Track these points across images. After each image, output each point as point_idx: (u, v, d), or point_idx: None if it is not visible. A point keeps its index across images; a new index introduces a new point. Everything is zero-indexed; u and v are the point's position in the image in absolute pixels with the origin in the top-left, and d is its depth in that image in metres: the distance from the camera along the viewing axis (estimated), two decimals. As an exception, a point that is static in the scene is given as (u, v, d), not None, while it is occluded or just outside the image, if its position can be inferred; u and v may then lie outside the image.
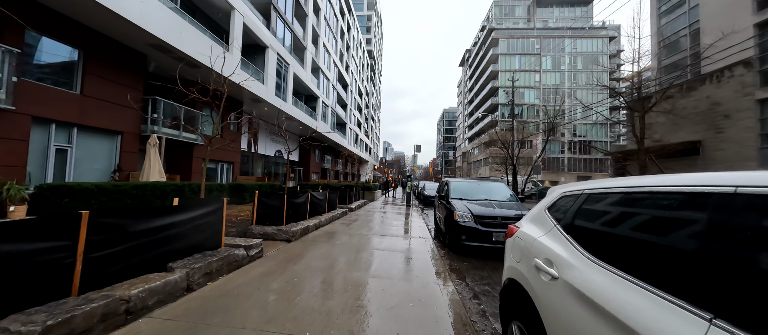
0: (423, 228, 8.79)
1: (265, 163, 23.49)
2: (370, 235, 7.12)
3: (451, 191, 7.41)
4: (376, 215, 11.28)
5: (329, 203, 9.60)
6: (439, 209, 8.29)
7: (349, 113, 42.42)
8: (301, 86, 23.90)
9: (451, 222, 6.26)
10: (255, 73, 16.14)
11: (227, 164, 16.32)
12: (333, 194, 10.01)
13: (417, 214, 12.52)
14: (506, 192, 7.50)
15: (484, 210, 6.14)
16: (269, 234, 5.71)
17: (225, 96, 9.71)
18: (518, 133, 25.95)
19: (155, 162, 9.51)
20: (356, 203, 14.29)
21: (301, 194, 7.36)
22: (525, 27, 55.45)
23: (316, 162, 32.55)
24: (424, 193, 20.20)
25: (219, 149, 15.17)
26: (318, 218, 7.82)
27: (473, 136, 64.57)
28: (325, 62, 29.01)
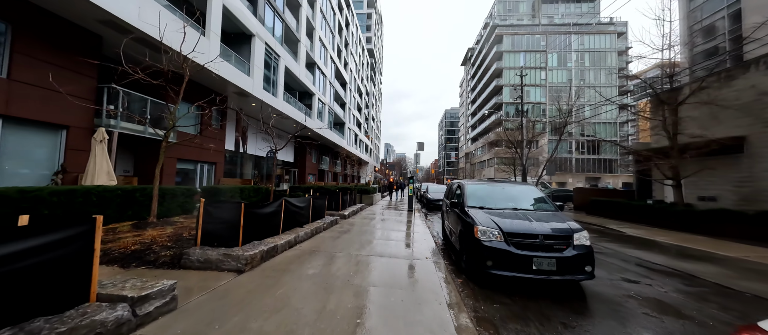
0: (429, 242, 7.05)
1: (255, 164, 21.81)
2: (361, 256, 5.39)
3: (466, 198, 5.68)
4: (372, 225, 9.54)
5: (315, 211, 7.88)
6: (451, 219, 6.54)
7: (348, 113, 40.78)
8: (295, 81, 22.26)
9: (470, 241, 4.53)
10: (239, 63, 14.49)
11: (208, 165, 14.65)
12: (319, 201, 8.28)
13: (421, 221, 10.79)
14: (538, 198, 5.75)
15: (519, 225, 4.41)
16: (212, 262, 3.98)
17: (186, 80, 8.05)
18: (527, 131, 24.19)
19: (103, 162, 7.84)
20: (351, 208, 12.56)
21: (273, 202, 5.63)
22: (530, 23, 53.76)
23: (313, 163, 30.87)
24: (427, 196, 18.45)
25: (196, 148, 13.49)
26: (296, 233, 6.09)
27: (477, 136, 62.77)
28: (321, 57, 27.38)
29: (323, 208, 8.69)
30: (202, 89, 13.86)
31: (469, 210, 5.17)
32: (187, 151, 12.94)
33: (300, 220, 6.91)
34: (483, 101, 59.01)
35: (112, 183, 7.94)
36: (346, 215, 10.55)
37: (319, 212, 8.41)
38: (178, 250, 4.44)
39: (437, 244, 7.13)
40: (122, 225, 6.40)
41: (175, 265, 3.99)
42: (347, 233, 7.51)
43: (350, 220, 10.17)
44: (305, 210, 7.18)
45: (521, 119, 24.58)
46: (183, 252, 4.11)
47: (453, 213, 6.23)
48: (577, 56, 49.91)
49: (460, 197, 5.92)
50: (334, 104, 33.50)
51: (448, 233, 6.96)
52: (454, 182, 7.68)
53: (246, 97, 15.38)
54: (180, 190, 8.69)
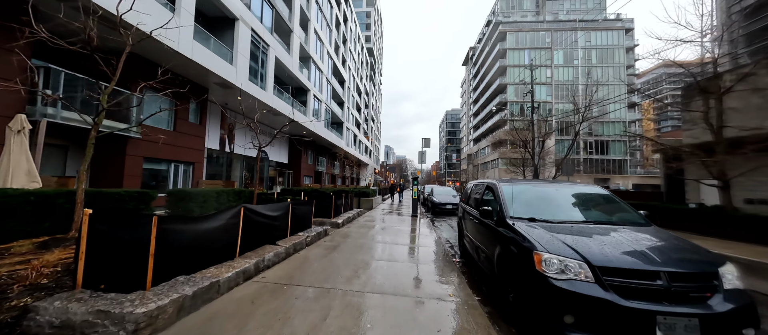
0: (445, 262, 5.27)
1: (245, 165, 20.05)
2: (351, 294, 3.64)
3: (506, 204, 3.91)
4: (370, 236, 7.76)
5: (296, 221, 6.10)
6: (477, 232, 4.77)
7: (347, 112, 39.08)
8: (288, 75, 20.55)
9: (525, 275, 2.79)
10: (219, 49, 12.77)
11: (185, 166, 12.88)
12: (303, 207, 6.50)
13: (428, 230, 9.00)
14: (613, 202, 3.98)
15: (618, 254, 2.64)
16: (75, 328, 2.19)
17: (127, 50, 6.27)
18: (539, 128, 22.45)
19: (21, 158, 6.07)
20: (347, 214, 10.78)
21: (224, 211, 3.85)
22: (534, 20, 52.19)
23: (309, 165, 29.12)
24: (432, 199, 16.67)
25: (169, 146, 11.75)
26: (262, 254, 4.32)
27: (479, 137, 61.03)
28: (317, 51, 25.70)
29: (308, 216, 6.91)
30: (179, 79, 12.14)
31: (516, 224, 3.39)
32: (157, 149, 11.19)
33: (273, 234, 5.12)
34: (486, 100, 57.31)
35: (35, 186, 6.18)
36: (339, 224, 8.76)
37: (303, 221, 6.63)
38: (45, 294, 2.65)
39: (455, 263, 5.34)
40: (21, 244, 4.62)
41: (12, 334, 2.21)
42: (337, 251, 5.71)
43: (344, 230, 8.38)
44: (281, 221, 5.39)
45: (532, 116, 22.85)
46: (31, 307, 2.32)
47: (481, 226, 4.46)
48: (583, 53, 48.24)
49: (494, 204, 4.15)
50: (332, 102, 31.81)
51: (471, 249, 5.18)
52: (478, 183, 5.88)
53: (230, 89, 13.66)
54: (130, 194, 6.91)
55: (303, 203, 6.73)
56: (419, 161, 12.05)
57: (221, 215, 3.75)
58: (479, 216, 4.49)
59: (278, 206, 5.36)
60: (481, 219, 4.47)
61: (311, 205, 7.10)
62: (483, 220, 4.34)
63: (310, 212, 7.05)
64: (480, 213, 4.11)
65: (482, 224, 4.43)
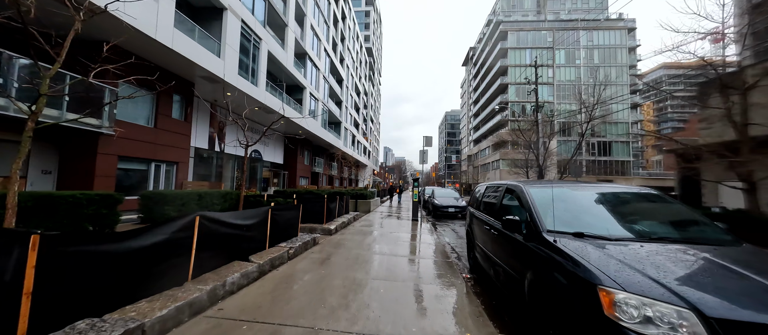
0: (455, 281, 4.35)
1: (237, 165, 19.11)
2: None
3: (540, 215, 3.02)
4: (366, 246, 6.85)
5: (278, 229, 5.18)
6: (497, 247, 3.86)
7: (345, 112, 38.19)
8: (282, 71, 19.64)
9: (589, 324, 1.91)
10: (205, 40, 11.86)
11: (167, 165, 11.93)
12: (287, 213, 5.57)
13: (430, 236, 8.08)
14: (684, 213, 3.07)
15: (742, 301, 1.69)
16: None
17: (75, 27, 5.35)
18: (544, 128, 21.61)
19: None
20: (341, 219, 9.87)
21: (167, 223, 2.93)
22: (535, 19, 51.48)
23: (306, 165, 28.19)
24: (433, 202, 15.75)
25: (148, 144, 10.81)
26: (225, 276, 3.40)
27: (480, 138, 60.22)
28: (313, 48, 24.83)
29: (294, 223, 5.98)
30: (162, 72, 11.21)
31: (560, 242, 2.47)
32: (134, 146, 10.26)
33: (245, 247, 4.20)
34: (486, 100, 56.53)
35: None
36: (331, 231, 7.83)
37: (288, 229, 5.70)
38: None
39: (466, 280, 4.43)
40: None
41: None
42: (325, 266, 4.79)
43: (337, 238, 7.44)
44: (256, 230, 4.46)
45: (536, 115, 22.00)
46: None
47: (502, 239, 3.56)
48: (586, 53, 47.51)
49: (521, 212, 3.25)
50: (329, 101, 30.93)
51: (486, 264, 4.29)
52: (492, 185, 4.96)
53: (218, 84, 12.74)
54: (88, 197, 5.96)
55: (288, 208, 5.81)
56: (420, 160, 11.15)
57: (163, 229, 2.82)
58: (501, 228, 3.56)
59: (253, 212, 4.43)
60: (501, 231, 3.56)
61: (298, 210, 6.16)
62: (505, 232, 3.43)
63: (297, 217, 6.12)
64: (503, 225, 3.18)
65: (503, 238, 3.52)
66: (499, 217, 3.92)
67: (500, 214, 3.97)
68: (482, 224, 4.60)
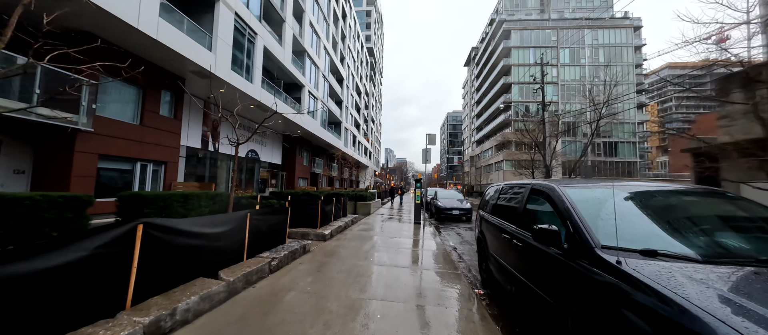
0: (470, 302, 3.62)
1: (231, 165, 18.41)
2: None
3: (587, 224, 2.28)
4: (363, 255, 6.14)
5: (261, 237, 4.48)
6: (522, 262, 3.14)
7: (345, 112, 37.53)
8: (279, 68, 19.00)
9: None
10: (194, 32, 11.20)
11: (154, 165, 11.26)
12: (272, 217, 4.87)
13: (435, 243, 7.34)
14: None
15: None
16: None
17: (22, 6, 4.69)
18: (552, 126, 20.85)
19: None
20: (338, 222, 9.16)
21: (91, 236, 2.19)
22: (539, 18, 50.69)
23: (305, 166, 27.51)
24: (436, 204, 15.01)
25: (133, 142, 10.15)
26: (176, 300, 2.71)
27: (482, 138, 59.40)
28: (312, 46, 24.19)
29: (281, 228, 5.27)
30: (149, 66, 10.60)
31: (629, 266, 1.74)
32: (117, 144, 9.60)
33: (212, 261, 3.48)
34: (489, 101, 55.72)
35: None
36: (326, 236, 7.10)
37: (273, 235, 4.99)
38: None
39: (480, 298, 3.69)
40: None
41: None
42: (313, 282, 4.06)
43: (331, 244, 6.72)
44: (229, 239, 3.75)
45: (543, 113, 21.22)
46: None
47: (528, 252, 2.83)
48: (591, 52, 46.64)
49: (553, 219, 2.54)
50: (329, 100, 30.27)
51: (503, 279, 3.58)
52: (511, 185, 4.21)
53: (208, 78, 12.05)
54: (50, 199, 5.26)
55: (273, 212, 5.09)
56: (423, 160, 10.43)
57: (81, 244, 2.10)
58: (530, 239, 2.82)
59: (225, 218, 3.72)
60: (529, 243, 2.82)
61: (285, 213, 5.44)
62: (534, 245, 2.70)
63: (284, 222, 5.40)
64: (534, 236, 2.44)
65: (530, 251, 2.79)
66: (524, 225, 3.19)
67: (523, 221, 3.23)
68: (498, 231, 3.87)
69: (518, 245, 3.08)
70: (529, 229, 2.98)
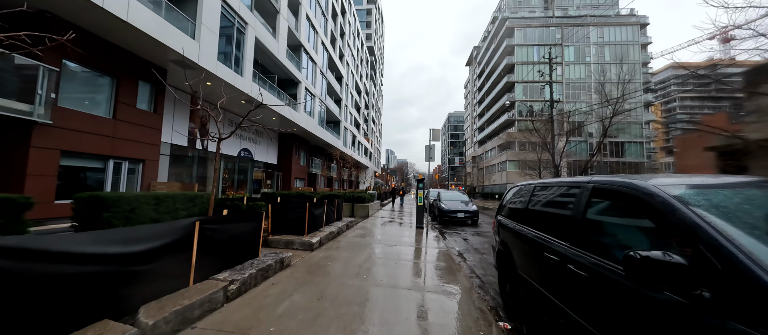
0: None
1: (224, 165, 17.42)
2: None
3: (741, 251, 1.11)
4: (355, 270, 5.11)
5: (220, 251, 3.46)
6: (593, 304, 2.03)
7: (345, 111, 36.53)
8: (274, 62, 18.01)
9: None
10: (174, 17, 10.20)
11: (131, 163, 10.24)
12: (236, 227, 3.82)
13: (441, 251, 6.29)
14: None
15: None
16: None
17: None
18: (560, 124, 19.80)
19: None
20: (330, 228, 8.11)
21: None
22: (543, 16, 49.62)
23: (302, 166, 26.49)
24: (440, 206, 13.95)
25: (105, 137, 9.14)
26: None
27: (485, 138, 58.31)
28: (309, 40, 23.21)
29: (251, 238, 4.23)
30: (126, 55, 9.59)
31: None
32: (84, 140, 8.59)
33: (126, 295, 2.42)
34: (492, 100, 54.63)
35: None
36: (313, 246, 6.06)
37: (240, 248, 3.96)
38: None
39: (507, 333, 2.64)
40: None
41: None
42: (280, 315, 3.01)
43: (318, 256, 5.67)
44: (162, 260, 2.69)
45: (551, 110, 20.15)
46: None
47: (605, 289, 1.76)
48: (596, 50, 45.53)
49: (663, 241, 1.45)
50: (328, 98, 29.27)
51: (552, 315, 2.47)
52: (555, 183, 3.11)
53: (192, 69, 11.05)
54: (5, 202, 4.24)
55: (243, 218, 4.06)
56: (426, 157, 9.39)
57: None
58: (620, 276, 1.74)
59: (157, 230, 2.68)
60: (609, 277, 1.76)
61: (259, 220, 4.40)
62: (621, 282, 1.65)
63: (257, 230, 4.36)
64: (630, 269, 1.39)
65: (610, 288, 1.73)
66: (584, 243, 2.13)
67: (584, 238, 2.17)
68: (534, 248, 2.81)
69: (578, 274, 2.03)
70: (602, 252, 1.93)
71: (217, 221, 3.50)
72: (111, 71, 9.47)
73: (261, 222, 4.46)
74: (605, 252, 1.91)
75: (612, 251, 1.86)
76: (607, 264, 1.79)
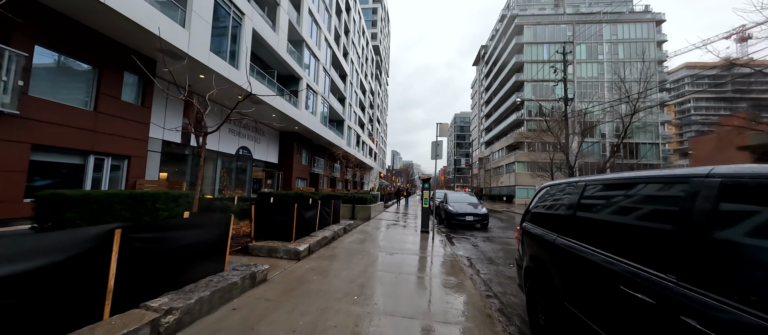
0: None
1: (219, 163, 16.75)
2: None
3: None
4: (344, 286, 4.26)
5: (170, 267, 2.61)
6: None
7: (349, 109, 35.79)
8: (273, 57, 17.30)
9: None
10: (163, 5, 9.47)
11: (114, 159, 9.54)
12: (201, 233, 2.96)
13: (450, 261, 5.37)
14: None
15: None
16: None
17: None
18: (575, 124, 18.67)
19: None
20: (324, 232, 7.27)
21: None
22: (553, 13, 48.23)
23: (303, 165, 25.75)
24: (447, 209, 12.99)
25: (85, 131, 8.45)
26: None
27: (492, 139, 56.98)
28: (312, 36, 22.49)
29: (216, 250, 3.39)
30: (111, 44, 8.91)
31: None
32: (61, 133, 7.90)
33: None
34: (500, 100, 53.30)
35: None
36: (300, 254, 5.19)
37: (200, 261, 3.12)
38: None
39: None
40: None
41: None
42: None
43: (304, 268, 4.81)
44: (46, 284, 1.82)
45: (565, 108, 19.03)
46: None
47: None
48: (609, 48, 43.95)
49: None
50: (331, 96, 28.52)
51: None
52: (632, 178, 2.13)
53: (182, 60, 10.32)
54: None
55: (191, 224, 3.20)
56: (433, 155, 8.48)
57: None
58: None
59: (41, 243, 1.82)
60: None
61: (225, 227, 3.55)
62: None
63: (224, 239, 3.51)
64: None
65: None
66: (713, 282, 1.18)
67: (707, 269, 1.24)
68: (598, 274, 1.89)
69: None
70: (755, 299, 0.99)
71: (156, 228, 2.65)
72: (92, 60, 8.79)
73: (228, 227, 3.61)
74: (761, 297, 0.99)
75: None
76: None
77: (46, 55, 7.89)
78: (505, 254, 7.41)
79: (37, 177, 7.73)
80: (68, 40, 8.06)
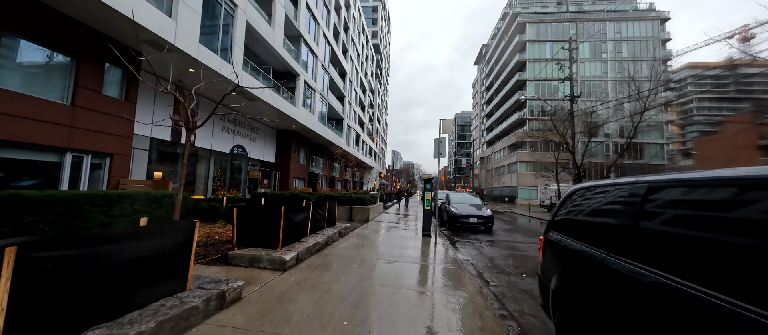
0: None
1: (213, 162, 16.13)
2: None
3: None
4: (334, 302, 3.61)
5: (105, 289, 1.99)
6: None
7: (348, 108, 35.16)
8: (269, 52, 16.68)
9: None
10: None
11: (95, 157, 8.92)
12: (155, 243, 2.31)
13: (457, 269, 4.74)
14: None
15: None
16: None
17: None
18: (581, 124, 18.05)
19: None
20: (316, 237, 6.65)
21: None
22: (557, 10, 47.55)
23: (301, 165, 25.13)
24: (449, 210, 12.36)
25: (62, 126, 7.82)
26: None
27: (494, 139, 56.32)
28: (310, 31, 21.86)
29: (176, 263, 2.75)
30: (92, 34, 8.30)
31: None
32: (33, 128, 7.28)
33: None
34: (501, 99, 52.64)
35: None
36: (285, 264, 4.57)
37: (147, 280, 2.46)
38: None
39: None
40: None
41: None
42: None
43: (287, 281, 4.19)
44: None
45: (571, 107, 18.40)
46: None
47: None
48: (613, 46, 43.26)
49: None
50: (330, 94, 27.90)
51: None
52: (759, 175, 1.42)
53: (171, 52, 9.70)
54: None
55: (134, 235, 2.56)
56: (435, 153, 7.85)
57: None
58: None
59: None
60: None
61: (189, 234, 2.93)
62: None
63: (187, 249, 2.89)
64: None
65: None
66: None
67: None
68: (691, 319, 1.25)
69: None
70: None
71: (80, 243, 2.02)
72: (69, 50, 8.17)
73: (191, 235, 2.98)
74: None
75: None
76: None
77: (16, 43, 7.27)
78: (514, 260, 6.78)
79: (5, 177, 7.11)
80: (41, 28, 7.44)
